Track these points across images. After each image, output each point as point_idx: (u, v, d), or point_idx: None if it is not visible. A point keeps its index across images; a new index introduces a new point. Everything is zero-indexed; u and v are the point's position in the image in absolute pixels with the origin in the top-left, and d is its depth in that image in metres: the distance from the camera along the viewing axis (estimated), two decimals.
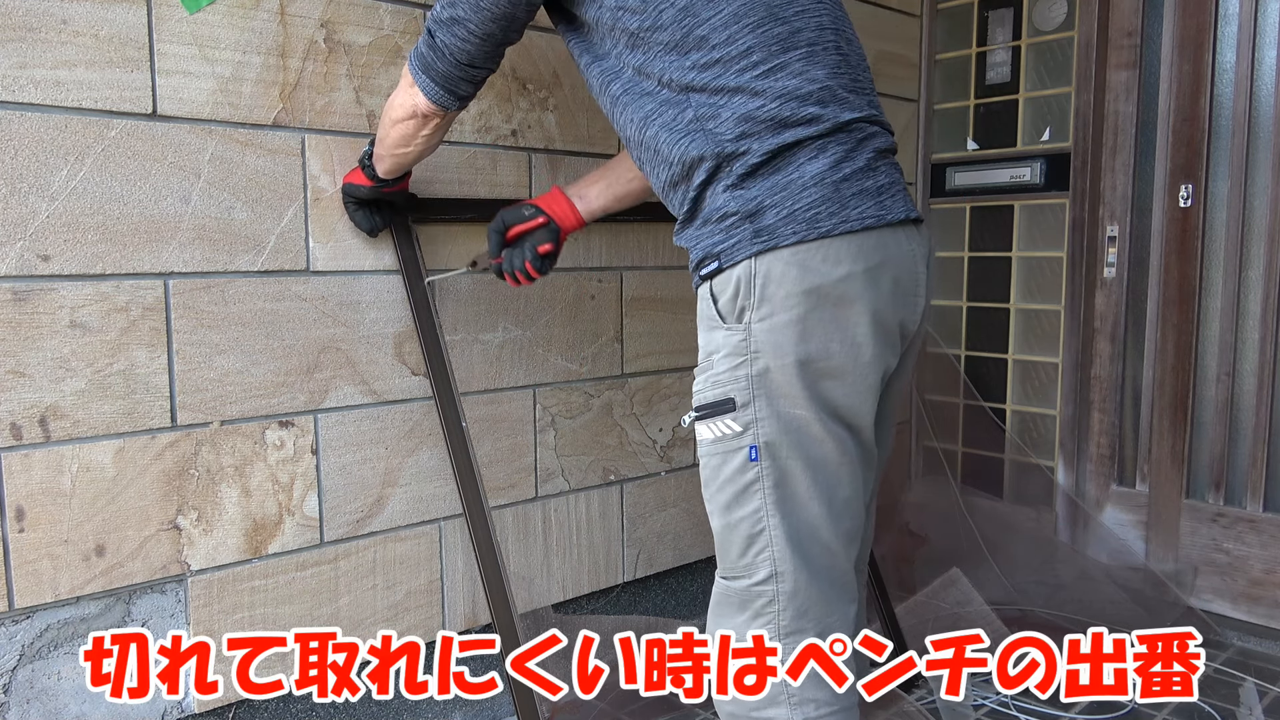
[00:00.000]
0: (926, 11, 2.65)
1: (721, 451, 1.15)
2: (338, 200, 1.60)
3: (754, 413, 1.11)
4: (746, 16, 1.11)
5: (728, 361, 1.12)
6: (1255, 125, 2.19)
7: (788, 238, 1.08)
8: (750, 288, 1.09)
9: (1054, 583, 2.39)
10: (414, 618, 1.76)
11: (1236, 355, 2.26)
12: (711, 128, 1.11)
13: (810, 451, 1.13)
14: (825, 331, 1.10)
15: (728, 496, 1.16)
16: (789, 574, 1.15)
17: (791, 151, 1.10)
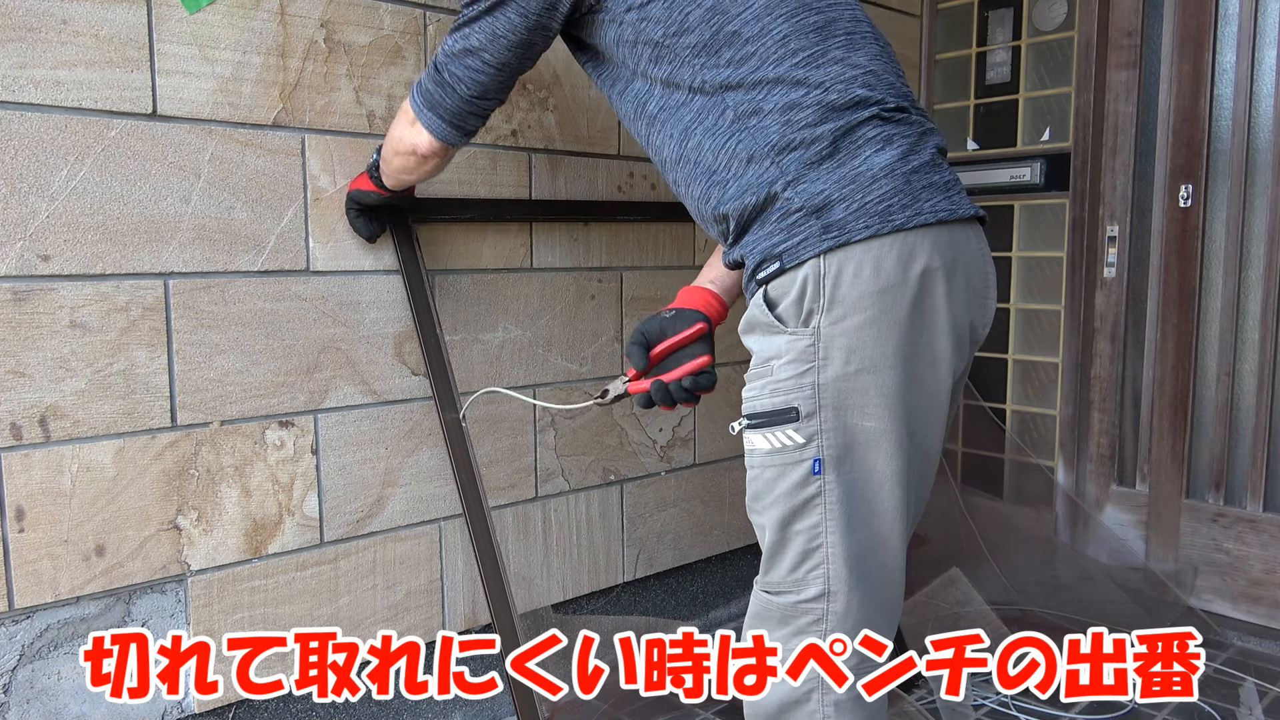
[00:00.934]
0: (926, 11, 2.65)
1: (779, 463, 1.07)
2: (338, 200, 1.60)
3: (819, 424, 1.04)
4: (779, 7, 1.07)
5: (791, 368, 1.04)
6: (1255, 125, 2.19)
7: (860, 233, 1.01)
8: (819, 288, 1.02)
9: (1054, 583, 2.39)
10: (414, 618, 1.76)
11: (1236, 355, 2.26)
12: (754, 124, 1.05)
13: (877, 466, 1.06)
14: (900, 334, 1.03)
15: (784, 511, 1.08)
16: (842, 594, 1.08)
17: (853, 139, 1.04)
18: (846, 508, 1.06)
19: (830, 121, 1.04)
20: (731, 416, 2.26)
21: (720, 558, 2.31)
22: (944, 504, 2.54)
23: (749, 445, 1.10)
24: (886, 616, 1.13)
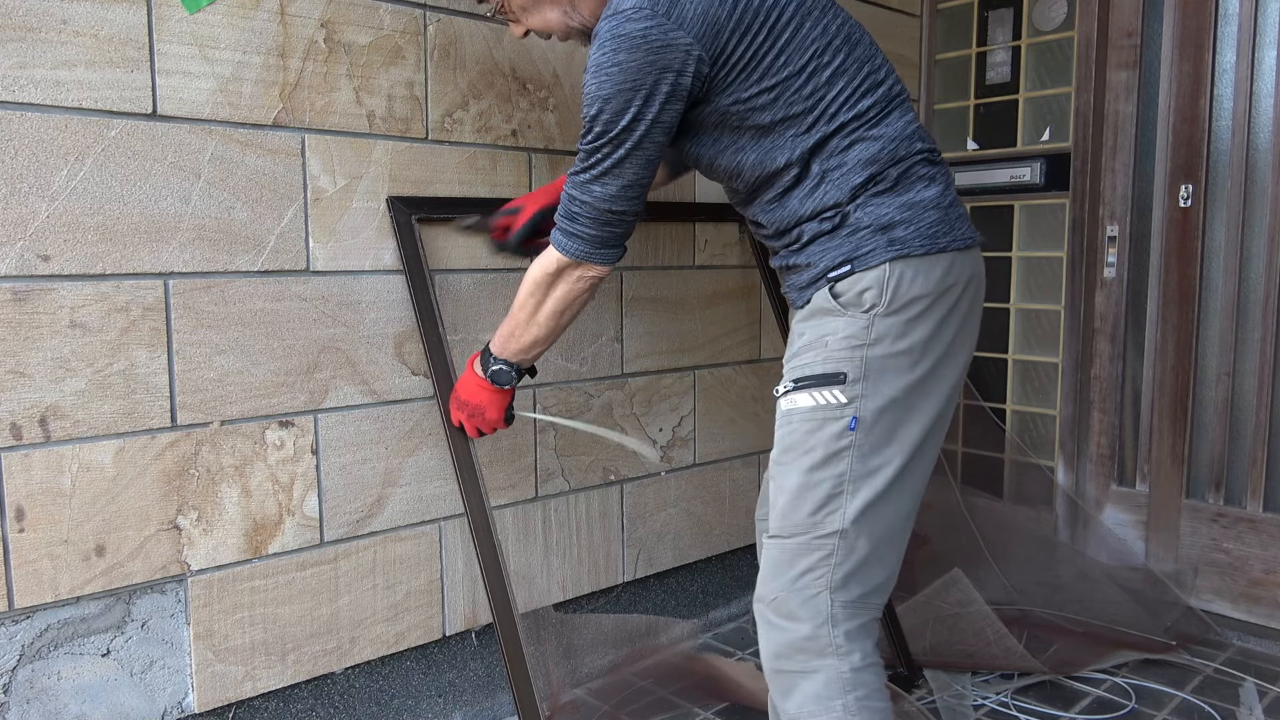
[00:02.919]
0: (926, 11, 2.65)
1: (820, 418, 1.26)
2: (338, 200, 1.60)
3: (861, 389, 1.24)
4: (857, 81, 1.27)
5: (845, 342, 1.25)
6: (1255, 125, 2.19)
7: (917, 249, 1.24)
8: (883, 287, 1.23)
9: (1054, 583, 2.39)
10: (414, 618, 1.76)
11: (1236, 355, 2.26)
12: (838, 177, 1.26)
13: (899, 432, 1.26)
14: (934, 330, 1.26)
15: (816, 458, 1.26)
16: (852, 535, 1.25)
17: (909, 176, 1.28)
18: (868, 462, 1.25)
19: (896, 165, 1.27)
20: (729, 418, 2.26)
21: (720, 558, 2.31)
22: (944, 504, 2.54)
23: (790, 405, 1.29)
24: (886, 561, 1.30)
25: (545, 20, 1.37)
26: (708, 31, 1.20)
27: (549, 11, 1.36)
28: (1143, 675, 2.04)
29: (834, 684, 1.26)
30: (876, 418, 1.25)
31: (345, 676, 1.69)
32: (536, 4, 1.36)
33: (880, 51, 1.35)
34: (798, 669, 1.28)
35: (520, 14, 1.39)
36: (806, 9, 1.26)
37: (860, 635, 1.28)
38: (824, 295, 1.28)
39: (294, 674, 1.61)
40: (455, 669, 1.84)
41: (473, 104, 1.74)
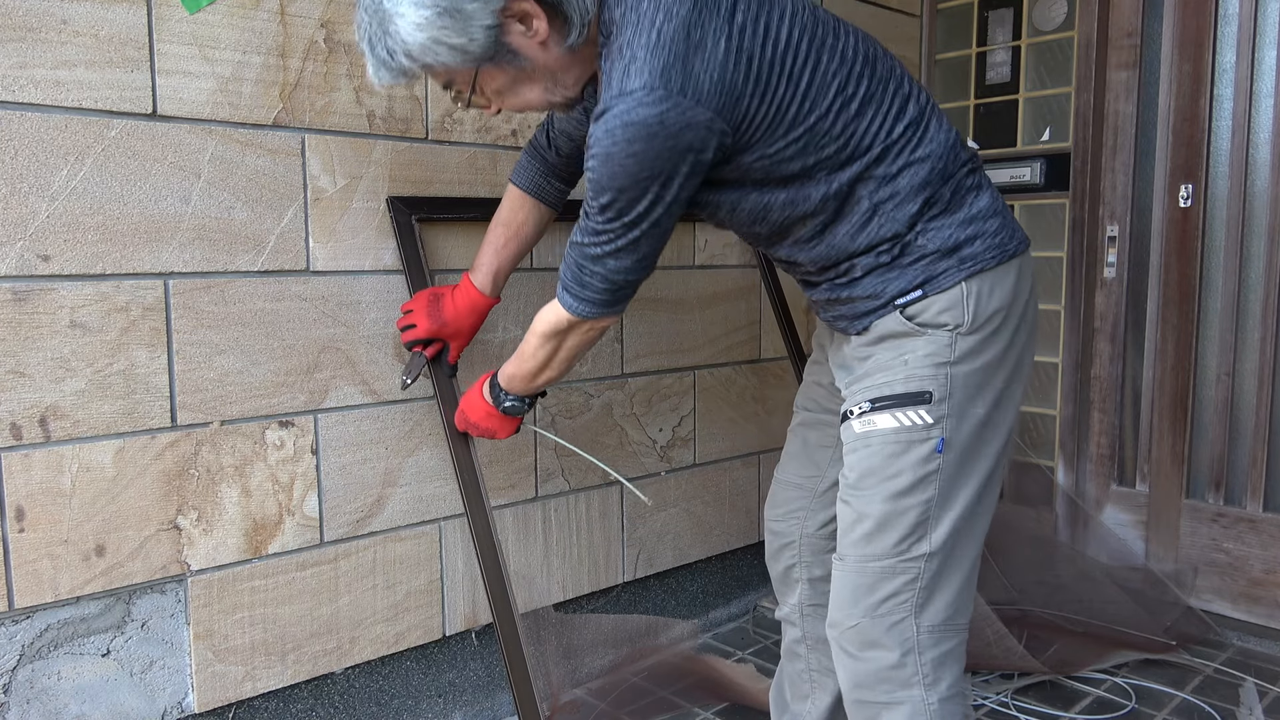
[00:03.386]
0: (926, 11, 2.65)
1: (904, 440, 1.20)
2: (338, 200, 1.60)
3: (947, 409, 1.20)
4: (887, 104, 1.19)
5: (929, 360, 1.20)
6: (1255, 125, 2.19)
7: (989, 261, 1.20)
8: (964, 306, 1.19)
9: (1054, 583, 2.39)
10: (414, 618, 1.76)
11: (1236, 355, 2.26)
12: (891, 209, 1.19)
13: (981, 449, 1.23)
14: (1012, 338, 1.23)
15: (903, 484, 1.20)
16: (939, 558, 1.21)
17: (961, 190, 1.22)
18: (954, 484, 1.21)
19: (948, 184, 1.21)
20: (729, 418, 2.26)
21: (720, 557, 2.31)
22: None
23: (866, 427, 1.24)
24: (969, 580, 1.26)
25: (525, 100, 1.21)
26: (727, 101, 1.08)
27: (528, 92, 1.19)
28: (1143, 675, 2.04)
29: (919, 715, 1.22)
30: (965, 439, 1.21)
31: (345, 676, 1.69)
32: (513, 87, 1.18)
33: (897, 59, 1.28)
34: (882, 700, 1.24)
35: (495, 99, 1.21)
36: (819, 40, 1.15)
37: (947, 662, 1.24)
38: (895, 319, 1.22)
39: (294, 674, 1.61)
40: (455, 669, 1.84)
41: None
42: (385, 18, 1.08)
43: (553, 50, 1.14)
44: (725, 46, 1.08)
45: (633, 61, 1.07)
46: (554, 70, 1.17)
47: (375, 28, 1.09)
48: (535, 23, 1.11)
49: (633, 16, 1.09)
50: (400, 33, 1.08)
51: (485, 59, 1.12)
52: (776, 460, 1.59)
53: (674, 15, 1.07)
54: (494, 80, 1.17)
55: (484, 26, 1.08)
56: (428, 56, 1.10)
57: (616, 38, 1.10)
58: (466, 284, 1.57)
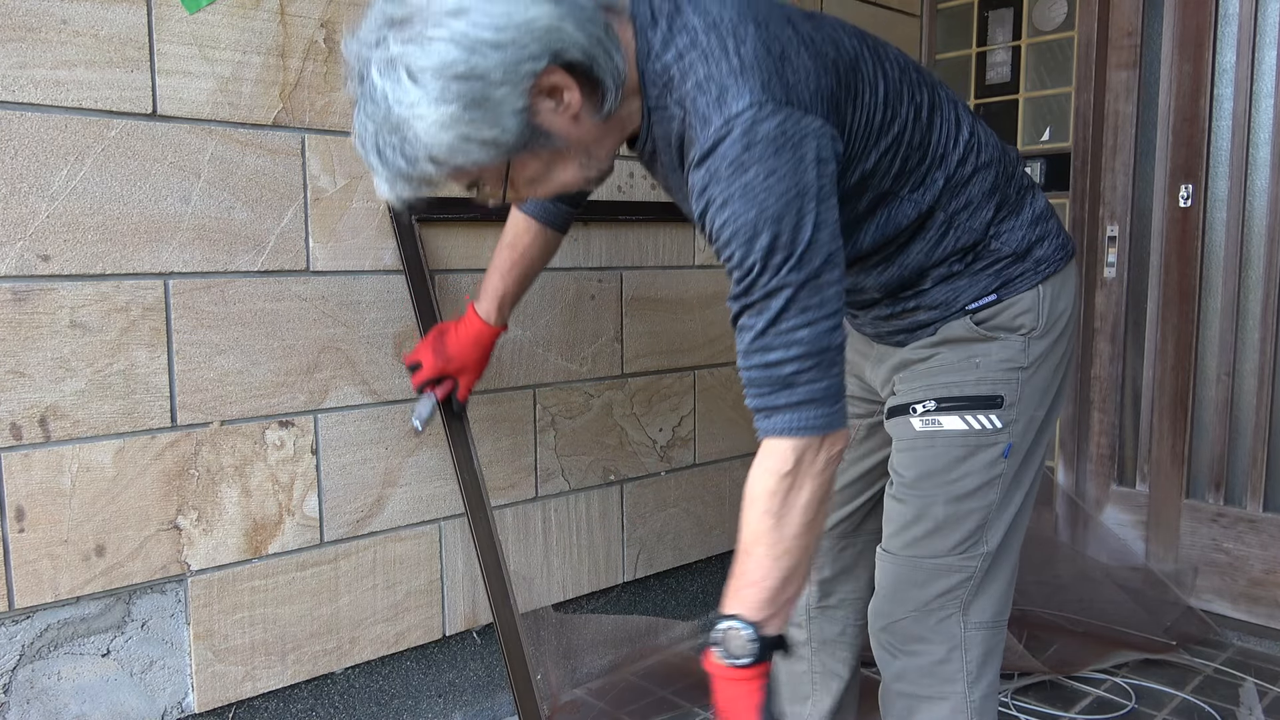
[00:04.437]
0: (926, 11, 2.65)
1: (972, 444, 1.18)
2: (338, 200, 1.60)
3: (1015, 414, 1.18)
4: (950, 115, 1.16)
5: (1003, 365, 1.18)
6: (1255, 125, 2.19)
7: (1059, 263, 1.20)
8: (1039, 310, 1.18)
9: (1054, 583, 2.39)
10: (414, 618, 1.76)
11: (1236, 355, 2.26)
12: (966, 219, 1.16)
13: (1035, 451, 1.23)
14: (1072, 340, 1.24)
15: (968, 487, 1.19)
16: (992, 558, 1.21)
17: (1022, 191, 1.21)
18: (1015, 487, 1.21)
19: (1011, 183, 1.20)
20: (729, 418, 2.26)
21: (720, 558, 2.31)
22: None
23: (930, 426, 1.20)
24: (1011, 579, 1.26)
25: (560, 184, 1.06)
26: (829, 106, 0.99)
27: (563, 174, 1.04)
28: (1143, 675, 2.04)
29: (960, 712, 1.22)
30: (1025, 442, 1.20)
31: (345, 676, 1.69)
32: (548, 172, 1.03)
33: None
34: (925, 693, 1.24)
35: (528, 189, 1.06)
36: (874, 49, 1.09)
37: (990, 660, 1.23)
38: (963, 324, 1.19)
39: (294, 674, 1.61)
40: (455, 669, 1.84)
41: None
42: (399, 123, 0.91)
43: (585, 122, 1.00)
44: (808, 54, 0.99)
45: (725, 91, 0.95)
46: (588, 144, 1.02)
47: (387, 136, 0.92)
48: (567, 95, 0.96)
49: (694, 55, 0.97)
50: (421, 136, 0.91)
51: (519, 148, 0.97)
52: None
53: (745, 38, 0.96)
54: (527, 169, 1.02)
55: (515, 111, 0.93)
56: (457, 158, 0.93)
57: (681, 84, 0.98)
58: (471, 314, 1.52)
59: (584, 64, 0.95)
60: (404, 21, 0.90)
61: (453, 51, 0.88)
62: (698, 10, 0.99)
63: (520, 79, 0.91)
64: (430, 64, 0.88)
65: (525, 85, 0.92)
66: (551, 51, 0.92)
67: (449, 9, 0.89)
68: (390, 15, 0.91)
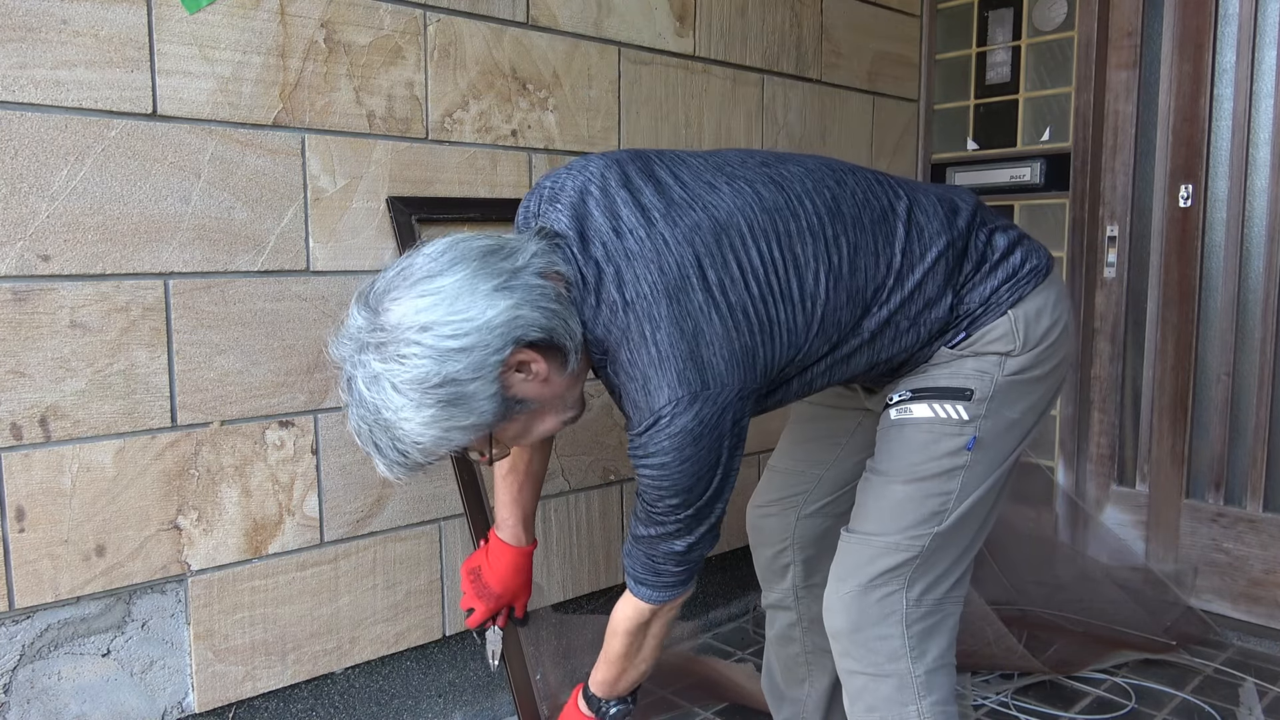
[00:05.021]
0: (926, 11, 2.65)
1: (936, 431, 1.23)
2: (338, 200, 1.60)
3: (985, 409, 1.22)
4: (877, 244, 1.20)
5: (975, 370, 1.23)
6: (1255, 125, 2.19)
7: (1028, 286, 1.23)
8: (1014, 333, 1.22)
9: (1054, 583, 2.39)
10: (414, 617, 1.76)
11: (1236, 355, 2.26)
12: (929, 315, 1.22)
13: (1010, 448, 1.25)
14: (1063, 354, 1.27)
15: (927, 471, 1.23)
16: (940, 540, 1.24)
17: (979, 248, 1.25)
18: (978, 480, 1.24)
19: (966, 256, 1.23)
20: None
21: (720, 558, 2.31)
22: None
23: (901, 415, 1.25)
24: (963, 562, 1.28)
25: (541, 433, 1.18)
26: (745, 363, 1.10)
27: (542, 425, 1.16)
28: (1143, 675, 2.04)
29: (906, 689, 1.24)
30: (993, 439, 1.23)
31: (345, 676, 1.69)
32: (528, 428, 1.15)
33: (846, 171, 1.24)
34: (870, 671, 1.25)
35: (514, 441, 1.19)
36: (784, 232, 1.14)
37: (934, 634, 1.26)
38: (943, 353, 1.25)
39: (294, 674, 1.61)
40: (455, 669, 1.84)
41: (473, 104, 1.75)
42: (389, 425, 1.03)
43: (555, 380, 1.11)
44: (718, 316, 1.08)
45: (648, 381, 1.08)
46: (560, 395, 1.14)
47: (381, 436, 1.05)
48: (534, 366, 1.08)
49: (617, 334, 1.09)
50: (410, 436, 1.03)
51: (498, 422, 1.08)
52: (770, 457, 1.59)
53: (659, 320, 1.06)
54: (508, 431, 1.13)
55: (489, 397, 1.04)
56: (443, 447, 1.06)
57: (615, 356, 1.11)
58: (498, 545, 1.50)
59: (544, 339, 1.06)
60: (380, 344, 1.01)
61: (426, 364, 1.00)
62: (615, 280, 1.09)
63: (489, 370, 1.02)
64: (408, 377, 1.00)
65: (494, 373, 1.03)
66: (513, 339, 1.03)
67: (416, 325, 1.00)
68: (365, 340, 1.03)
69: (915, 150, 2.69)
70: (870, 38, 2.51)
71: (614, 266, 1.09)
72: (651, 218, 1.11)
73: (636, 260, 1.08)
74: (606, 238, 1.10)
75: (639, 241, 1.09)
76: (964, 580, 1.29)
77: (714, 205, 1.13)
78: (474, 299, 1.01)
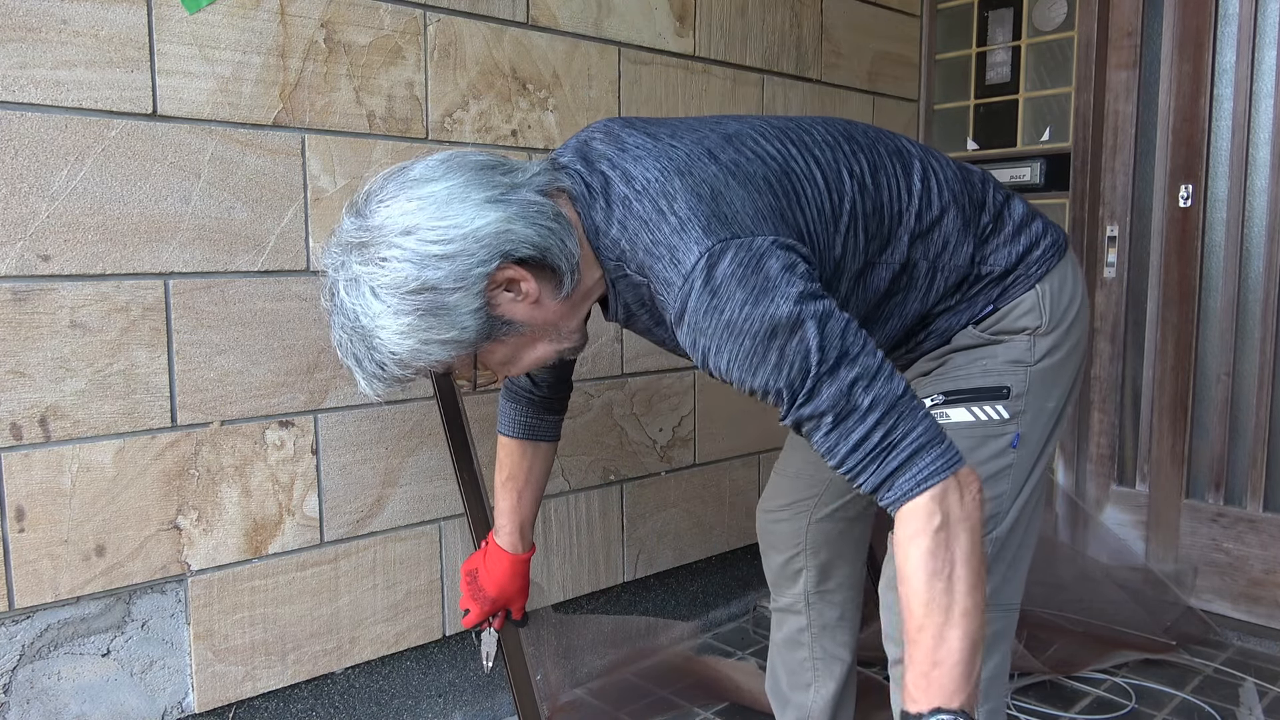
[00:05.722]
0: (926, 11, 2.65)
1: (979, 435, 1.19)
2: (338, 200, 1.60)
3: (1024, 404, 1.19)
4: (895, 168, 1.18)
5: (1009, 364, 1.20)
6: (1255, 125, 2.19)
7: (1053, 260, 1.22)
8: (1040, 308, 1.20)
9: (1054, 583, 2.39)
10: (414, 617, 1.76)
11: (1236, 355, 2.26)
12: (948, 259, 1.19)
13: (1047, 441, 1.23)
14: (1083, 330, 1.26)
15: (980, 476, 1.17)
16: (1000, 543, 1.20)
17: (995, 206, 1.23)
18: (1024, 477, 1.20)
19: (984, 210, 1.21)
20: (729, 417, 2.26)
21: (720, 558, 2.31)
22: None
23: (940, 420, 1.20)
24: (1018, 560, 1.25)
25: (533, 361, 1.11)
26: (775, 221, 1.02)
27: (533, 353, 1.10)
28: (1143, 675, 2.04)
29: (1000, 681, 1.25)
30: (1035, 432, 1.20)
31: (345, 676, 1.69)
32: (517, 354, 1.09)
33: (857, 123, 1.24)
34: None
35: (502, 369, 1.12)
36: (798, 140, 1.12)
37: (997, 643, 1.23)
38: (969, 334, 1.22)
39: (294, 674, 1.61)
40: (455, 669, 1.84)
41: (473, 104, 1.75)
42: (366, 333, 1.00)
43: (548, 304, 1.05)
44: (736, 182, 1.03)
45: (674, 250, 0.98)
46: (554, 323, 1.08)
47: (359, 345, 1.01)
48: (524, 285, 1.02)
49: (635, 224, 1.02)
50: (387, 345, 1.00)
51: (482, 340, 1.03)
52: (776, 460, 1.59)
53: (675, 193, 1.00)
54: (494, 354, 1.08)
55: (472, 311, 0.99)
56: (420, 360, 1.02)
57: (633, 253, 1.03)
58: (495, 551, 1.47)
59: (536, 257, 1.01)
60: (362, 245, 0.98)
61: (405, 268, 0.96)
62: (623, 178, 1.04)
63: (472, 283, 0.97)
64: (387, 281, 0.96)
65: (478, 287, 0.98)
66: (501, 253, 0.98)
67: (400, 228, 0.96)
68: (349, 241, 0.99)
69: None
70: (870, 38, 2.51)
71: (620, 170, 1.05)
72: (658, 136, 1.08)
73: (645, 158, 1.04)
74: (611, 155, 1.07)
75: (646, 150, 1.06)
76: (1020, 581, 1.25)
77: (721, 125, 1.12)
78: (464, 207, 0.97)
